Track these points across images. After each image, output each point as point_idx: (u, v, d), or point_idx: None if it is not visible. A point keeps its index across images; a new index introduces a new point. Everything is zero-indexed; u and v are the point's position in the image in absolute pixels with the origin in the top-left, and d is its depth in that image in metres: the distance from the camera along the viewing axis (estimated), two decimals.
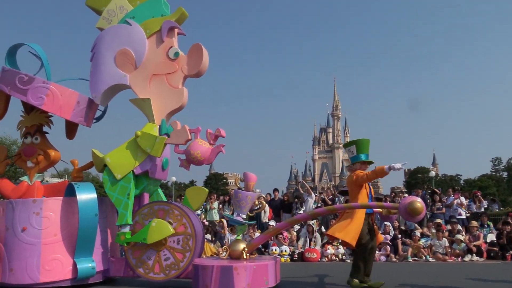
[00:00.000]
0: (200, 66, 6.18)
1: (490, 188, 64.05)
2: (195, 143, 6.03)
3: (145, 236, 5.94)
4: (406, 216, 5.39)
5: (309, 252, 11.21)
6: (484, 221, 12.83)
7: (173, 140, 6.09)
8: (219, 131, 6.08)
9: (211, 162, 6.12)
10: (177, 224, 6.08)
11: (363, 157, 6.08)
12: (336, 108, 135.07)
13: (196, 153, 5.97)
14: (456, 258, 10.95)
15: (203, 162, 6.04)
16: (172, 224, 6.07)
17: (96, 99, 6.49)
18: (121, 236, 6.03)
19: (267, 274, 5.53)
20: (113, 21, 6.54)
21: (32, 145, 6.57)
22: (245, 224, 6.41)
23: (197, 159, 6.00)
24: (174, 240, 6.06)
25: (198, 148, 5.99)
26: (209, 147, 6.06)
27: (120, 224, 6.07)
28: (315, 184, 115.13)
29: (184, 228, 6.05)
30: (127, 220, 6.04)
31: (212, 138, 6.10)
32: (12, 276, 5.75)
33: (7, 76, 6.27)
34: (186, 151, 6.09)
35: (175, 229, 6.05)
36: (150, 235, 5.92)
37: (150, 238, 5.92)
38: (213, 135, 6.10)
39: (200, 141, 6.07)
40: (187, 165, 6.19)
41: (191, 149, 6.00)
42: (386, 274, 7.62)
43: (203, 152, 5.99)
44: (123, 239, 6.02)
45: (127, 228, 6.08)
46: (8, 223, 5.94)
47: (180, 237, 6.05)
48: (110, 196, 6.16)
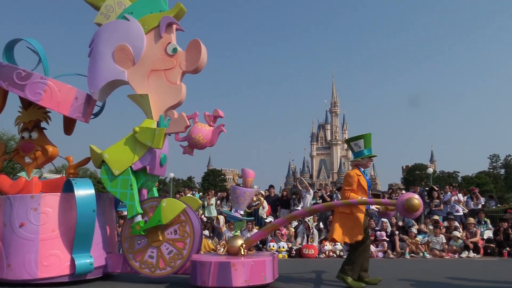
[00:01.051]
0: (198, 62, 6.17)
1: (488, 185, 64.20)
2: (195, 127, 6.02)
3: (159, 218, 5.94)
4: (403, 212, 5.40)
5: (307, 248, 11.24)
6: (482, 217, 12.87)
7: (173, 129, 6.07)
8: (217, 111, 6.07)
9: (214, 144, 6.08)
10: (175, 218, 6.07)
11: (368, 152, 6.08)
12: (334, 104, 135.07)
13: (198, 137, 5.96)
14: (453, 255, 11.00)
15: (206, 144, 6.03)
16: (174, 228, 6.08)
17: (94, 94, 6.47)
18: (136, 226, 6.02)
19: (265, 270, 5.54)
20: (111, 16, 6.52)
21: (30, 141, 6.55)
22: (243, 220, 6.41)
23: (199, 142, 5.99)
24: (171, 232, 6.07)
25: (199, 131, 5.98)
26: (210, 129, 6.05)
27: (132, 216, 6.06)
28: (313, 181, 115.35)
29: (177, 216, 6.05)
30: (137, 210, 6.04)
31: (211, 120, 6.09)
32: (10, 272, 5.75)
33: (4, 72, 6.24)
34: (187, 136, 6.06)
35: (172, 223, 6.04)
36: (164, 215, 5.93)
37: (165, 218, 5.93)
38: (212, 116, 6.09)
39: (200, 124, 6.05)
40: (191, 151, 6.17)
41: (192, 134, 5.98)
42: (384, 270, 7.65)
43: (204, 135, 5.98)
44: (139, 228, 6.01)
45: (139, 218, 6.06)
46: (6, 219, 5.94)
47: (176, 226, 6.05)
48: (114, 193, 6.15)
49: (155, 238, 6.04)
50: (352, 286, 5.76)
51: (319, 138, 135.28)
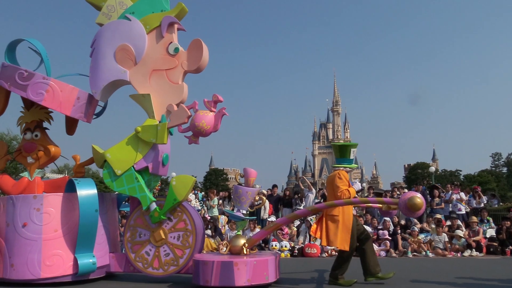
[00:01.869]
0: (200, 62, 6.17)
1: (490, 183, 64.00)
2: (198, 114, 6.03)
3: (174, 197, 5.95)
4: (405, 211, 5.39)
5: (309, 247, 11.24)
6: (484, 216, 12.86)
7: (175, 121, 6.07)
8: (216, 96, 6.08)
9: (218, 128, 6.08)
10: (177, 220, 6.09)
11: (353, 162, 6.14)
12: (336, 103, 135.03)
13: (201, 124, 5.97)
14: (456, 253, 10.99)
15: (210, 130, 6.04)
16: (172, 220, 6.09)
17: (96, 94, 6.48)
18: (155, 213, 6.02)
19: (267, 270, 5.54)
20: (112, 16, 6.52)
21: (32, 141, 6.56)
22: (245, 220, 6.42)
23: (204, 129, 6.00)
24: (174, 236, 6.07)
25: (202, 118, 5.99)
26: (212, 114, 6.06)
27: (147, 207, 6.06)
28: (315, 180, 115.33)
29: (185, 224, 6.06)
30: (150, 199, 6.05)
31: (211, 105, 6.10)
32: (13, 272, 5.77)
33: (7, 72, 6.26)
34: (191, 125, 6.07)
35: (175, 225, 6.06)
36: (177, 192, 5.95)
37: (179, 195, 5.94)
38: (212, 102, 6.10)
39: (202, 111, 6.06)
40: (196, 139, 6.17)
41: (195, 122, 5.99)
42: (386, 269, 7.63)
43: (208, 121, 5.99)
44: (158, 214, 6.01)
45: (154, 205, 6.06)
46: (8, 219, 5.95)
47: (180, 233, 6.06)
48: (123, 191, 6.16)
49: (158, 238, 6.06)
50: (344, 285, 5.79)
51: (321, 137, 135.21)
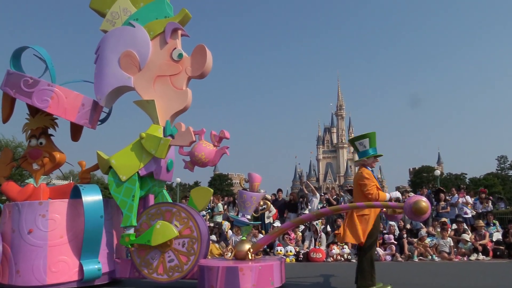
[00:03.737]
0: (203, 67, 6.20)
1: (496, 186, 63.63)
2: (200, 144, 6.05)
3: (149, 238, 5.95)
4: (411, 215, 5.36)
5: (314, 252, 11.20)
6: (490, 219, 12.77)
7: (178, 141, 6.10)
8: (223, 132, 6.11)
9: (215, 164, 6.17)
10: (183, 226, 6.09)
11: (373, 151, 5.91)
12: (340, 107, 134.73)
13: (200, 155, 6.00)
14: (462, 257, 10.91)
15: (208, 163, 6.08)
16: (178, 227, 6.09)
17: (101, 101, 6.51)
18: (126, 237, 6.06)
19: (273, 275, 5.53)
20: (116, 23, 6.56)
21: (37, 148, 6.59)
22: (250, 225, 6.41)
23: (201, 161, 6.03)
24: (179, 243, 6.07)
25: (202, 150, 6.02)
26: (213, 149, 6.08)
27: (125, 226, 6.09)
28: (319, 184, 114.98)
29: (190, 231, 6.06)
30: (131, 222, 6.06)
31: (216, 140, 6.12)
32: (19, 278, 5.78)
33: (12, 79, 6.31)
34: (190, 153, 6.11)
35: (181, 231, 6.06)
36: (154, 237, 5.94)
37: (154, 241, 5.94)
38: (218, 137, 6.12)
39: (205, 143, 6.09)
40: (191, 167, 6.21)
41: (195, 151, 6.03)
42: (392, 273, 7.61)
43: (207, 154, 6.02)
44: (128, 240, 6.05)
45: (131, 230, 6.10)
46: (14, 225, 5.98)
47: (186, 240, 6.06)
48: (116, 198, 6.18)
49: (163, 242, 6.05)
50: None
51: (325, 141, 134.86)
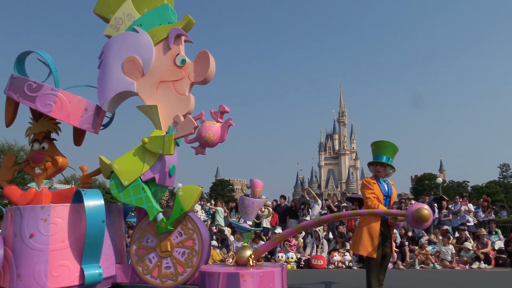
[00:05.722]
0: (206, 73, 6.21)
1: (498, 194, 63.47)
2: (204, 125, 6.05)
3: (181, 207, 5.94)
4: (413, 223, 5.35)
5: (316, 259, 11.18)
6: (492, 228, 12.73)
7: (181, 132, 6.09)
8: (223, 107, 6.10)
9: (224, 139, 6.10)
10: (187, 237, 6.07)
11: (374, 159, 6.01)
12: (342, 114, 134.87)
13: (208, 134, 5.98)
14: (464, 266, 10.87)
15: (217, 141, 6.04)
16: (182, 236, 6.09)
17: (104, 106, 6.53)
18: (161, 224, 6.02)
19: (274, 281, 5.51)
20: (120, 28, 6.59)
21: (40, 152, 6.60)
22: (252, 231, 6.40)
23: (210, 140, 6.01)
24: (180, 252, 6.06)
25: (208, 129, 6.01)
26: (218, 125, 6.08)
27: (154, 217, 6.06)
28: (321, 191, 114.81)
29: (193, 243, 6.04)
30: (157, 209, 6.06)
31: (218, 116, 6.12)
32: (20, 282, 5.77)
33: (16, 83, 6.33)
34: (197, 136, 6.08)
35: (184, 241, 6.05)
36: (184, 203, 5.95)
37: (186, 205, 5.93)
38: (218, 113, 6.12)
39: (208, 122, 6.08)
40: (203, 150, 6.18)
41: (202, 132, 6.01)
42: (393, 281, 7.57)
43: (214, 131, 6.00)
44: (164, 225, 6.01)
45: (160, 216, 6.06)
46: (16, 229, 5.98)
47: (187, 251, 6.04)
48: (130, 202, 6.16)
49: (164, 249, 6.05)
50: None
51: (327, 147, 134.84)
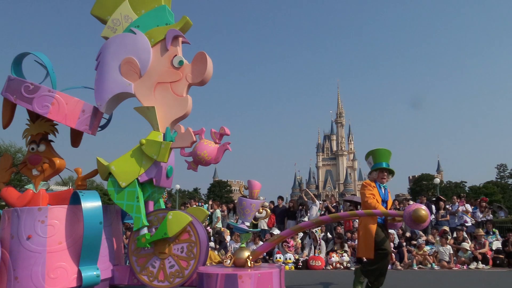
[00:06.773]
0: (204, 74, 6.21)
1: (496, 195, 63.60)
2: (201, 143, 6.06)
3: (165, 231, 5.93)
4: (410, 223, 5.37)
5: (314, 260, 11.18)
6: (489, 228, 12.76)
7: (179, 143, 6.10)
8: (224, 129, 6.12)
9: (219, 161, 6.13)
10: (180, 231, 6.07)
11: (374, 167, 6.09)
12: (339, 115, 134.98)
13: (203, 153, 6.00)
14: (462, 266, 10.89)
15: (211, 161, 6.07)
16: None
17: (101, 107, 6.52)
18: (142, 239, 6.02)
19: (272, 282, 5.51)
20: (118, 30, 6.59)
21: (37, 153, 6.59)
22: (249, 232, 6.40)
23: (204, 159, 6.03)
24: (178, 248, 6.06)
25: (204, 148, 6.02)
26: (215, 146, 6.09)
27: (138, 228, 6.06)
28: (319, 192, 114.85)
29: (188, 235, 6.05)
30: (143, 223, 6.04)
31: (217, 137, 6.13)
32: (17, 284, 5.75)
33: (13, 85, 6.32)
34: (192, 152, 6.11)
35: (179, 237, 6.05)
36: (169, 228, 5.92)
37: (171, 231, 5.91)
38: (218, 134, 6.13)
39: (206, 141, 6.10)
40: (195, 167, 6.20)
41: (197, 150, 6.03)
42: (391, 282, 7.58)
43: (209, 152, 6.02)
44: (145, 241, 6.01)
45: (145, 230, 6.06)
46: (13, 231, 5.95)
47: (184, 245, 6.05)
48: (120, 205, 6.16)
49: (162, 250, 6.05)
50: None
51: (325, 148, 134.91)
